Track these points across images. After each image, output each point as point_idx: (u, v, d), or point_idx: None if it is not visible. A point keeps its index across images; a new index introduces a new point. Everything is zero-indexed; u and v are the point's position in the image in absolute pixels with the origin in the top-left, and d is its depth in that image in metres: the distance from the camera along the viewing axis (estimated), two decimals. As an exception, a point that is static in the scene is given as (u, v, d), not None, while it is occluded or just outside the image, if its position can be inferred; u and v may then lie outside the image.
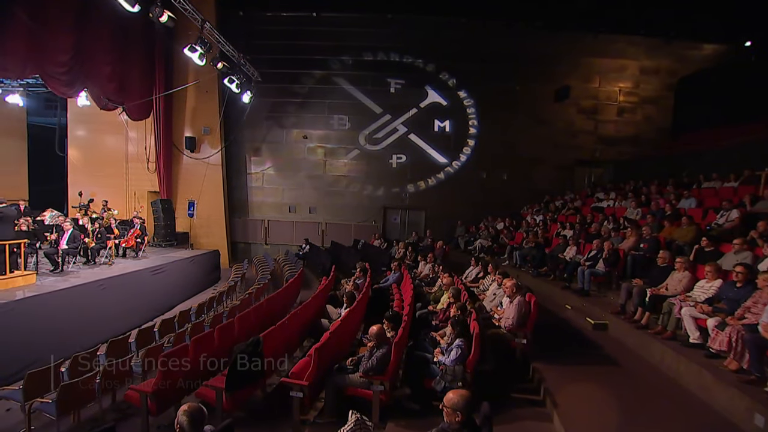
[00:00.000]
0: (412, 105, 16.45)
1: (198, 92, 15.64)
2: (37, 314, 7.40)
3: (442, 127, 16.59)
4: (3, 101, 14.86)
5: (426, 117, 16.50)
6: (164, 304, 10.70)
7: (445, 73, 16.30)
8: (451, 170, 16.59)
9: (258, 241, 17.23)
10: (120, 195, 15.83)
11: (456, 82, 16.30)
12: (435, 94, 16.40)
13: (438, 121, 16.53)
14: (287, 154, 16.98)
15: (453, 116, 16.46)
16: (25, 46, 9.83)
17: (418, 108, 16.47)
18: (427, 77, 16.36)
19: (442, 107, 16.47)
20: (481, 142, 16.39)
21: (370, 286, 8.00)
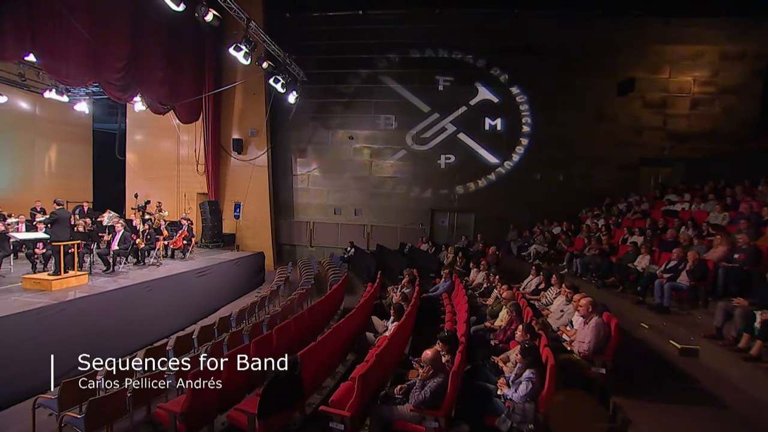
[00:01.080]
0: (461, 103, 15.57)
1: (245, 94, 15.61)
2: (85, 315, 7.31)
3: (493, 125, 15.59)
4: (72, 109, 15.49)
5: (476, 115, 15.56)
6: (208, 306, 10.51)
7: (497, 69, 15.30)
8: (503, 171, 15.54)
9: (303, 243, 16.97)
10: (171, 196, 16.08)
11: (508, 77, 15.25)
12: (486, 90, 15.43)
13: (489, 119, 15.54)
14: (333, 155, 16.60)
15: (505, 114, 15.41)
16: (85, 55, 10.21)
17: (468, 106, 15.57)
18: (478, 73, 15.42)
19: (493, 105, 15.47)
20: (535, 140, 15.23)
21: (419, 297, 7.29)
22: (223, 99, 15.64)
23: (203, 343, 6.88)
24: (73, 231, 9.40)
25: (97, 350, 6.61)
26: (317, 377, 5.00)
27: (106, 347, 7.08)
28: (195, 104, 14.68)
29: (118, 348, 7.24)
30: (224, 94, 15.61)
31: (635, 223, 10.79)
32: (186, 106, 14.09)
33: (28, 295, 7.49)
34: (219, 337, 7.14)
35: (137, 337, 8.06)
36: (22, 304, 6.90)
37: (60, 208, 8.26)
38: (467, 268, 10.85)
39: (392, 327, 5.88)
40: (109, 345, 7.29)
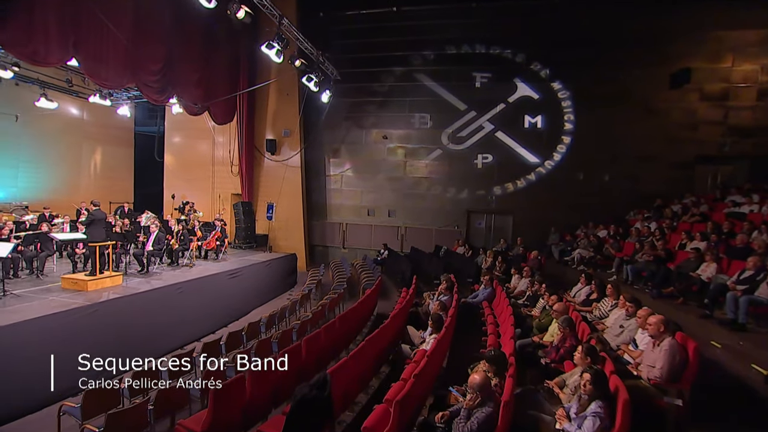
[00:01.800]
0: (499, 100, 14.83)
1: (279, 94, 15.49)
2: (116, 317, 7.23)
3: (533, 123, 14.76)
4: (115, 113, 15.88)
5: (515, 112, 14.78)
6: (239, 309, 10.34)
7: (537, 63, 14.47)
8: (543, 171, 14.67)
9: (336, 245, 16.68)
10: (207, 197, 16.17)
11: (549, 72, 14.39)
12: (525, 86, 14.63)
13: (528, 116, 14.73)
14: (366, 155, 16.22)
15: (546, 111, 14.54)
16: (123, 59, 10.41)
17: (507, 103, 14.82)
18: (517, 69, 14.64)
19: (533, 101, 14.64)
20: (578, 138, 14.29)
21: (457, 305, 6.76)
22: (257, 100, 15.60)
23: (231, 350, 6.60)
24: (110, 231, 9.45)
25: (127, 352, 6.49)
26: (348, 394, 4.58)
27: (135, 350, 6.93)
28: (229, 105, 14.71)
29: (147, 351, 7.05)
30: (258, 95, 15.57)
31: (694, 227, 9.79)
32: (220, 107, 14.14)
33: (65, 295, 7.48)
34: (247, 344, 6.86)
35: (167, 339, 7.94)
36: (58, 305, 6.86)
37: (96, 209, 8.24)
38: (507, 273, 10.20)
39: (431, 340, 5.38)
40: (139, 347, 7.15)
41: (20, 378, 5.48)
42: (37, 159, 15.55)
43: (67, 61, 9.56)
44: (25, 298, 7.27)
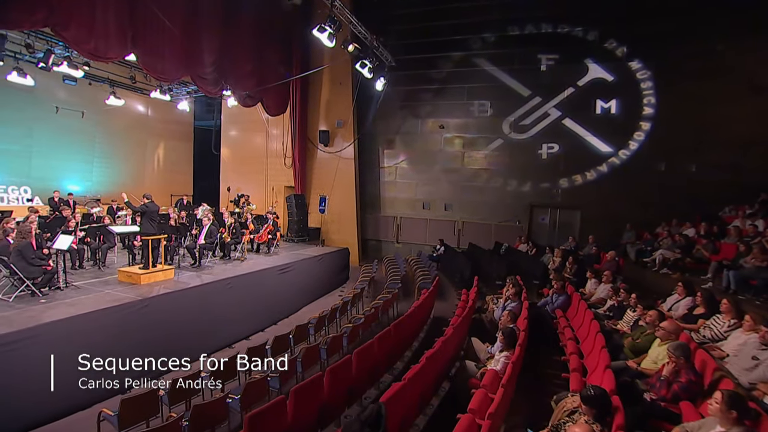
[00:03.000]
0: (567, 84, 13.41)
1: (332, 84, 15.04)
2: (165, 313, 7.03)
3: (606, 108, 13.20)
4: (175, 108, 16.22)
5: (585, 97, 13.28)
6: (289, 306, 10.00)
7: (612, 41, 12.87)
8: (617, 161, 13.11)
9: (389, 239, 16.06)
10: (260, 190, 16.11)
11: (627, 50, 12.74)
12: (598, 68, 13.09)
13: (601, 101, 13.18)
14: (422, 146, 15.40)
15: (621, 94, 12.93)
16: (179, 52, 10.44)
17: (576, 87, 13.36)
18: (588, 48, 13.11)
19: (606, 84, 13.08)
20: (659, 124, 12.55)
21: (529, 315, 5.84)
22: (310, 90, 15.26)
23: (278, 353, 6.14)
24: (165, 225, 9.39)
25: (174, 350, 6.27)
26: (406, 420, 3.87)
27: (182, 347, 6.71)
28: (282, 96, 14.47)
29: (194, 348, 6.81)
30: (311, 85, 15.21)
31: (815, 225, 8.14)
32: (273, 98, 13.94)
33: (119, 289, 7.41)
34: (295, 348, 6.37)
35: (215, 337, 7.69)
36: (111, 300, 6.75)
37: (149, 202, 8.10)
38: (580, 275, 9.03)
39: (501, 358, 4.55)
40: (186, 345, 6.91)
41: (67, 375, 5.30)
42: (109, 154, 16.25)
43: (125, 55, 9.59)
44: (83, 290, 7.26)
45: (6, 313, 6.01)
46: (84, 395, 5.44)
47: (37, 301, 6.59)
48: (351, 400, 4.64)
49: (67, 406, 5.47)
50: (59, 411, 5.41)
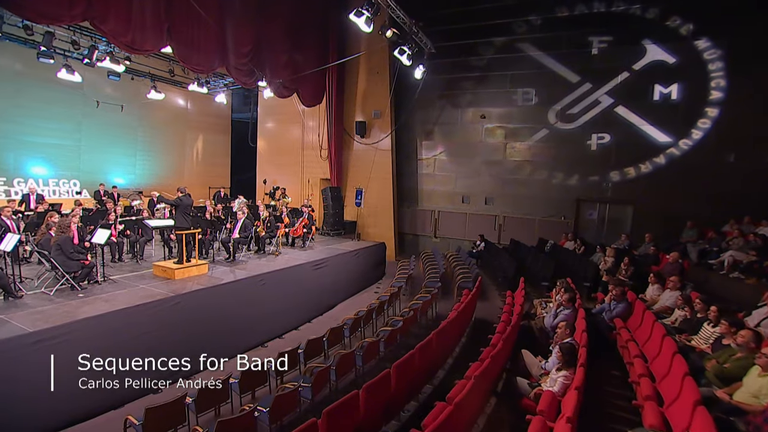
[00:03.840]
0: (622, 68, 12.29)
1: (369, 74, 14.56)
2: (198, 310, 6.88)
3: (665, 94, 11.99)
4: (213, 101, 16.27)
5: (642, 82, 12.11)
6: (324, 302, 9.71)
7: (676, 18, 11.61)
8: (677, 152, 11.90)
9: (427, 234, 15.50)
10: (296, 183, 15.92)
11: (693, 27, 11.44)
12: (657, 49, 11.88)
13: (660, 86, 11.97)
14: (461, 137, 14.68)
15: (684, 77, 11.67)
16: (214, 43, 10.30)
17: (631, 71, 12.23)
18: (647, 28, 11.90)
19: (666, 67, 11.86)
20: (729, 110, 11.22)
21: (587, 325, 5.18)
22: (346, 80, 14.86)
23: (311, 358, 5.79)
24: (200, 218, 9.26)
25: (205, 349, 6.12)
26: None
27: (214, 345, 6.57)
28: (318, 87, 14.16)
29: (226, 347, 6.65)
30: (347, 75, 14.80)
31: None
32: (309, 89, 13.65)
33: (154, 283, 7.31)
34: (329, 352, 6.01)
35: (247, 335, 7.49)
36: (144, 295, 6.63)
37: (184, 196, 7.95)
38: (636, 279, 8.18)
39: (559, 378, 3.97)
40: (218, 343, 6.77)
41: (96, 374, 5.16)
42: (150, 148, 16.56)
43: (161, 47, 9.50)
44: (119, 285, 7.21)
45: (45, 307, 5.99)
46: (112, 395, 5.32)
47: (75, 295, 6.56)
48: (389, 416, 4.21)
49: (96, 406, 5.34)
50: (88, 410, 5.28)
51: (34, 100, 13.11)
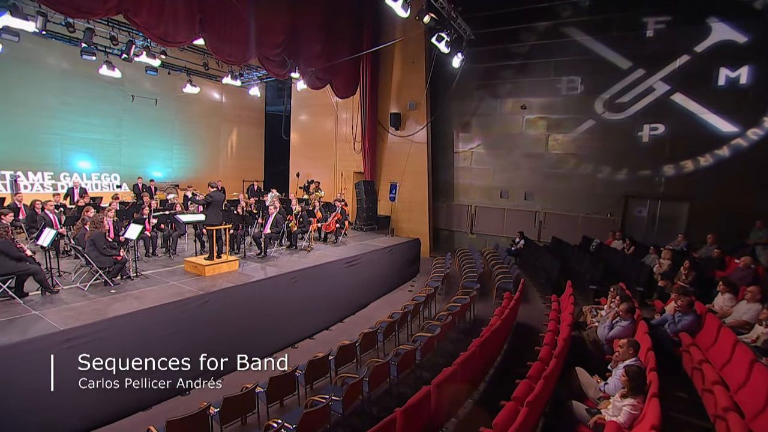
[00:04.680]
0: (681, 51, 11.15)
1: (404, 64, 14.01)
2: (227, 308, 6.63)
3: (732, 78, 10.77)
4: (247, 94, 16.21)
5: (705, 66, 10.93)
6: (356, 301, 9.35)
7: (749, -8, 10.40)
8: (744, 143, 10.71)
9: (463, 230, 14.87)
10: (329, 176, 15.63)
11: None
12: (725, 27, 10.66)
13: (727, 69, 10.75)
14: (500, 128, 13.91)
15: (756, 59, 10.41)
16: (246, 33, 10.06)
17: (692, 54, 11.07)
18: (712, 4, 10.70)
19: (735, 48, 10.61)
20: (807, 96, 10.04)
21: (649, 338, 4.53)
22: (381, 71, 14.38)
23: (343, 364, 5.42)
24: (232, 213, 9.09)
25: (235, 348, 5.89)
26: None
27: (243, 346, 6.33)
28: (352, 78, 13.77)
29: (256, 347, 6.44)
30: (382, 66, 14.31)
31: None
32: (343, 80, 13.29)
33: (184, 280, 7.16)
34: (361, 359, 5.62)
35: (277, 335, 7.24)
36: (173, 293, 6.47)
37: (214, 191, 7.74)
38: (699, 286, 7.33)
39: (624, 406, 3.40)
40: (248, 343, 6.53)
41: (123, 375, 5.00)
42: (186, 141, 16.73)
43: (194, 39, 9.35)
44: (151, 280, 7.11)
45: (78, 303, 5.91)
46: (140, 396, 5.17)
47: (108, 291, 6.47)
48: (426, 439, 3.76)
49: (123, 407, 5.19)
50: (115, 412, 5.14)
51: (79, 97, 13.44)
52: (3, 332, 4.93)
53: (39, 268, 6.24)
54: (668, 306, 6.08)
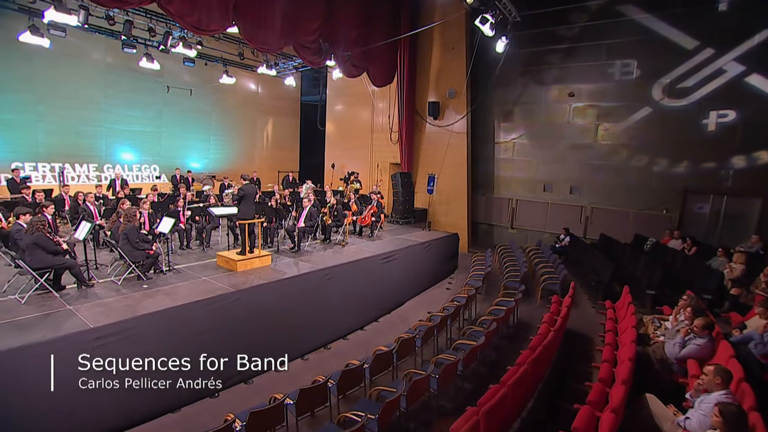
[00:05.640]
0: (759, 27, 9.88)
1: (443, 50, 13.28)
2: (258, 306, 6.32)
3: (819, 56, 9.48)
4: (283, 84, 15.98)
5: (787, 43, 9.69)
6: (392, 299, 8.90)
7: None
8: (835, 130, 9.44)
9: (503, 224, 14.10)
10: (364, 167, 15.18)
11: None
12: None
13: (813, 45, 9.47)
14: (545, 117, 12.98)
15: None
16: (281, 20, 9.69)
17: (772, 31, 9.80)
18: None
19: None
20: None
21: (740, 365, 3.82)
22: (419, 58, 13.71)
23: (378, 373, 4.99)
24: (265, 206, 8.82)
25: (265, 349, 5.64)
26: None
27: (275, 346, 6.09)
28: (389, 65, 13.22)
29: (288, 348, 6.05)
30: (420, 53, 13.65)
31: None
32: (380, 67, 12.78)
33: (216, 276, 6.93)
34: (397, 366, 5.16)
35: (309, 335, 6.92)
36: (205, 290, 6.22)
37: (247, 184, 7.45)
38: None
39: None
40: (279, 343, 6.25)
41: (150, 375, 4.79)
42: (223, 132, 16.73)
43: (227, 27, 9.05)
44: (183, 275, 6.92)
45: (110, 299, 5.77)
46: (169, 396, 4.96)
47: (140, 285, 6.33)
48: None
49: (153, 407, 4.99)
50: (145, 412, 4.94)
51: (121, 90, 13.62)
52: (37, 328, 4.83)
53: (75, 262, 6.16)
54: (750, 321, 5.27)
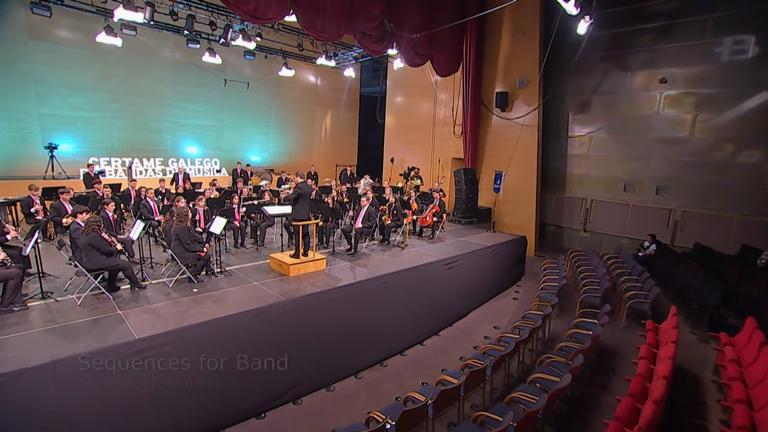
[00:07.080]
0: None
1: (514, 34, 11.99)
2: (309, 316, 5.70)
3: None
4: (342, 76, 15.45)
5: None
6: (454, 310, 8.04)
7: None
8: None
9: (574, 227, 12.65)
10: (425, 162, 14.27)
11: None
12: None
13: None
14: (628, 108, 11.36)
15: None
16: (340, 6, 9.06)
17: None
18: None
19: None
20: None
21: None
22: (487, 44, 12.49)
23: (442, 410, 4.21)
24: (321, 205, 8.26)
25: (317, 366, 5.41)
26: None
27: (327, 362, 5.64)
28: (454, 53, 12.19)
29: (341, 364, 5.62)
30: (488, 39, 12.43)
31: None
32: (445, 55, 11.82)
33: (267, 280, 6.42)
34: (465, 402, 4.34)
35: (364, 349, 6.28)
36: (255, 296, 5.72)
37: (302, 182, 6.88)
38: None
39: None
40: (331, 359, 5.73)
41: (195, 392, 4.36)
42: (282, 125, 16.53)
43: (285, 15, 8.49)
44: (234, 278, 6.49)
45: (158, 304, 5.43)
46: (211, 417, 4.56)
47: (190, 289, 5.97)
48: None
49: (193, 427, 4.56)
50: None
51: (185, 85, 13.76)
52: (85, 336, 4.53)
53: (128, 263, 5.93)
54: None
